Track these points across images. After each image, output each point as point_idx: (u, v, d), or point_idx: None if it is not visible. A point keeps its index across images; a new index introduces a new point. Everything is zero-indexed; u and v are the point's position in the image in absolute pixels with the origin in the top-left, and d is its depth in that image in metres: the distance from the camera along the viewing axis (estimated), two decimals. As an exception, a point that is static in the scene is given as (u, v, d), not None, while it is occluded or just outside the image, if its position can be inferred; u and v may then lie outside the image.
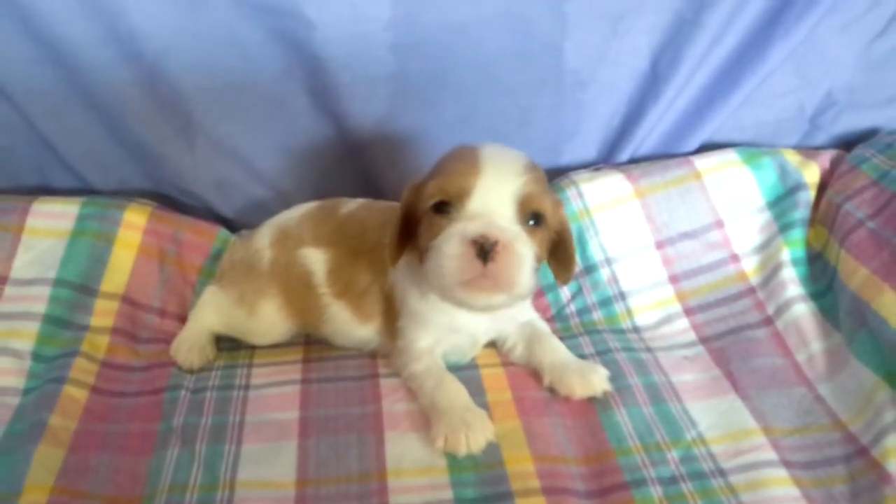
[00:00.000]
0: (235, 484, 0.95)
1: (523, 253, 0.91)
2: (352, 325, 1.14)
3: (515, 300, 0.97)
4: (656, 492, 0.93)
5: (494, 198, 0.93)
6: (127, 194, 1.34)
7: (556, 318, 1.26)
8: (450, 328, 1.08)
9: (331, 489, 0.94)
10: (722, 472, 0.95)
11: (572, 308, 1.26)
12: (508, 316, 1.10)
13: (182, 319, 1.23)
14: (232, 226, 1.39)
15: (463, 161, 0.96)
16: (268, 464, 0.98)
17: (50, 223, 1.24)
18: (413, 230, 1.01)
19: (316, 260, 1.14)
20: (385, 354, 1.15)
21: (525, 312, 1.15)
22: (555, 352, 1.10)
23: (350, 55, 1.22)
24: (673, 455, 0.98)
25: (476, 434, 0.96)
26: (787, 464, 0.96)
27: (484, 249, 0.89)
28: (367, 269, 1.12)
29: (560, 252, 1.04)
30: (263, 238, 1.19)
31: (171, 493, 0.93)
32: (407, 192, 1.01)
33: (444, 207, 0.95)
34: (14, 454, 0.97)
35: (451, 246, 0.91)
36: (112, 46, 1.19)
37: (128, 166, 1.35)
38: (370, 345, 1.16)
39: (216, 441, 1.01)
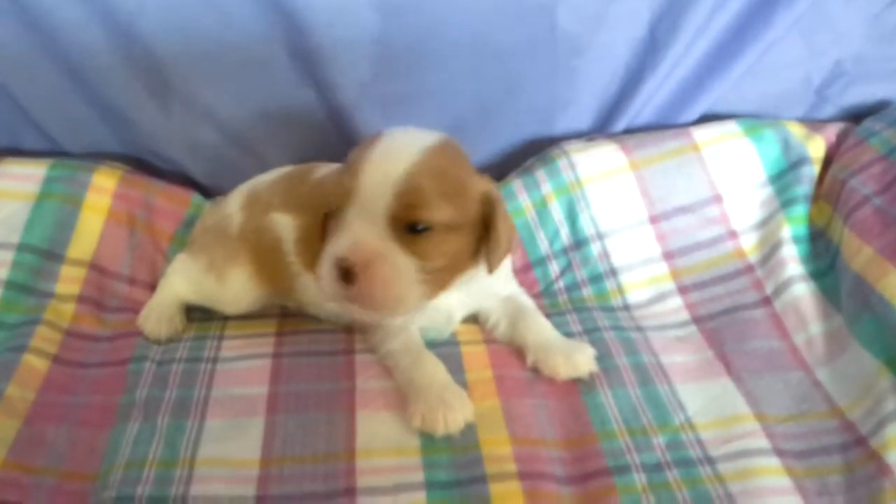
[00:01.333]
0: (196, 461, 0.90)
1: (387, 274, 0.87)
2: (321, 298, 1.08)
3: (403, 313, 0.93)
4: (640, 479, 0.88)
5: (364, 210, 0.88)
6: (99, 157, 1.30)
7: (544, 294, 1.21)
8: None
9: (295, 468, 0.89)
10: (710, 460, 0.90)
11: (561, 284, 1.21)
12: (485, 291, 1.05)
13: (152, 288, 1.19)
14: (207, 192, 1.35)
15: (353, 162, 0.91)
16: (231, 441, 0.93)
17: (15, 185, 1.20)
18: None
19: (285, 226, 1.09)
20: (361, 329, 1.09)
21: (505, 286, 1.09)
22: (539, 330, 1.05)
23: (333, 16, 1.17)
24: (659, 440, 0.93)
25: (455, 413, 0.91)
26: (779, 452, 0.91)
27: (346, 272, 0.86)
28: None
29: (490, 230, 0.95)
30: (234, 202, 1.14)
31: (129, 468, 0.89)
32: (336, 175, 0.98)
33: (331, 217, 0.93)
34: None
35: (323, 267, 0.90)
36: (85, 5, 1.15)
37: (101, 128, 1.30)
38: (343, 317, 1.11)
39: (179, 416, 0.97)
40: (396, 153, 0.89)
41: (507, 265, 1.09)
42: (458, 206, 0.90)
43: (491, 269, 0.96)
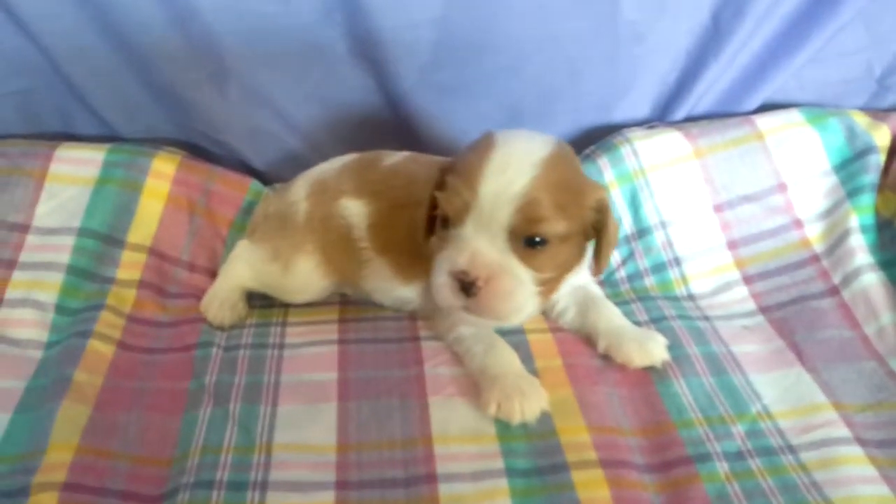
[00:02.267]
0: (273, 447, 0.90)
1: (508, 287, 0.89)
2: (393, 283, 1.08)
3: (516, 322, 0.96)
4: (722, 467, 0.88)
5: (485, 223, 0.88)
6: (154, 142, 1.29)
7: (606, 284, 1.19)
8: None
9: (373, 454, 0.89)
10: (792, 449, 0.90)
11: (622, 273, 1.21)
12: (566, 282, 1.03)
13: (212, 274, 1.18)
14: (263, 178, 1.34)
15: (470, 169, 0.90)
16: (306, 426, 0.93)
17: (74, 170, 1.19)
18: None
19: (357, 212, 1.08)
20: (427, 316, 1.09)
21: (579, 276, 1.08)
22: (611, 317, 1.04)
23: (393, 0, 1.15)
24: (738, 429, 0.92)
25: (531, 402, 0.91)
26: (861, 442, 0.90)
27: (466, 287, 0.88)
28: (411, 225, 1.04)
29: (598, 243, 0.96)
30: (300, 190, 1.13)
31: (205, 454, 0.89)
32: (437, 173, 0.96)
33: (447, 223, 0.92)
34: (37, 410, 0.93)
35: (438, 275, 0.91)
36: None
37: (155, 112, 1.29)
38: (410, 304, 1.11)
39: (251, 401, 0.96)
40: (516, 164, 0.88)
41: (584, 266, 1.08)
42: (573, 217, 0.91)
43: (599, 272, 1.00)
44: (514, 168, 0.88)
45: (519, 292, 0.89)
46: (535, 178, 0.87)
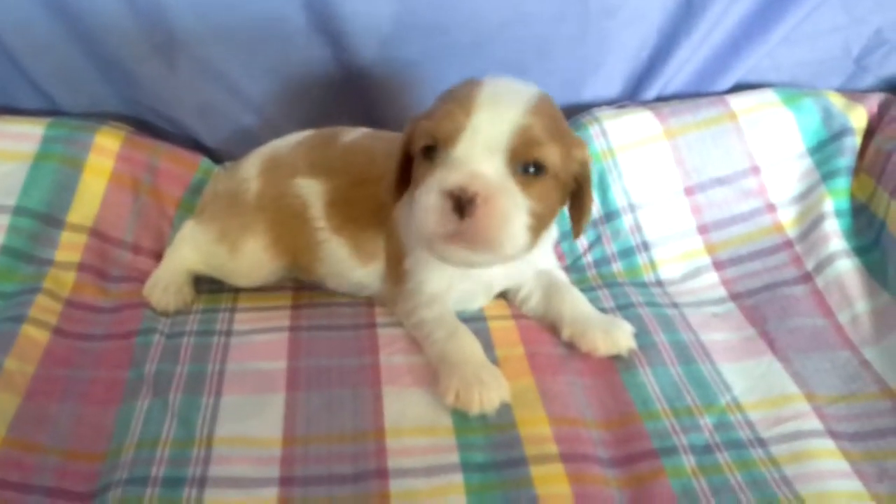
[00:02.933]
0: (213, 440, 0.86)
1: (508, 209, 0.83)
2: (350, 265, 1.05)
3: (503, 259, 0.88)
4: (689, 461, 0.84)
5: (483, 144, 0.84)
6: (99, 117, 1.24)
7: (571, 269, 1.16)
8: (461, 273, 0.98)
9: (321, 448, 0.85)
10: (761, 442, 0.86)
11: (589, 258, 1.17)
12: (527, 261, 0.99)
13: (157, 256, 1.14)
14: (215, 156, 1.30)
15: (457, 100, 0.86)
16: (251, 418, 0.88)
17: (11, 145, 1.14)
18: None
19: (312, 191, 1.04)
20: (385, 301, 1.05)
21: (545, 259, 1.05)
22: (576, 304, 1.00)
23: None
24: (706, 421, 0.89)
25: (490, 392, 0.87)
26: (833, 434, 0.87)
27: (461, 203, 0.80)
28: (370, 203, 1.01)
29: (576, 200, 0.94)
30: (251, 167, 1.08)
31: (140, 448, 0.84)
32: (409, 126, 0.91)
33: (431, 152, 0.86)
34: None
35: (428, 198, 0.83)
36: None
37: (100, 86, 1.24)
38: (367, 290, 1.07)
39: (193, 392, 0.92)
40: (510, 95, 0.86)
41: (552, 235, 1.05)
42: (564, 156, 0.87)
43: (578, 234, 0.96)
44: (507, 99, 0.86)
45: (516, 217, 0.83)
46: (530, 107, 0.85)
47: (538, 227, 0.88)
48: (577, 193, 0.93)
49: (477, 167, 0.82)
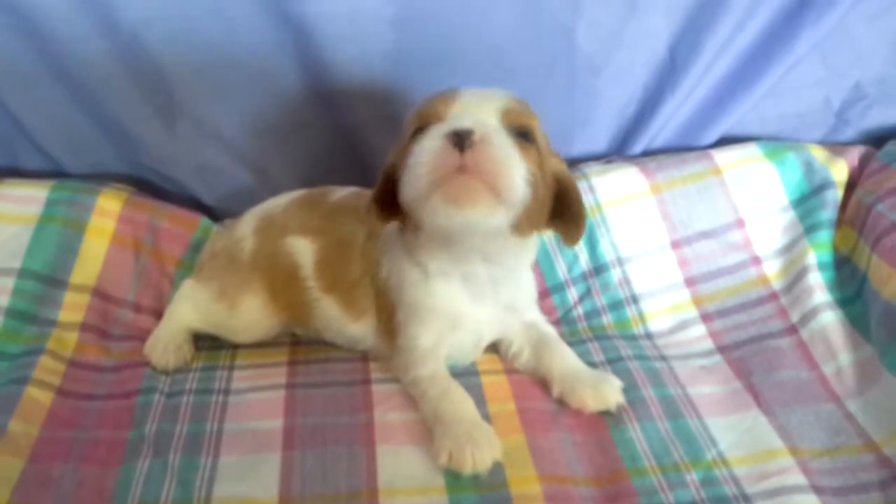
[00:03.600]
0: (211, 500, 0.87)
1: (506, 149, 0.83)
2: (343, 322, 1.07)
3: (505, 206, 0.84)
4: (675, 518, 0.85)
5: (475, 108, 0.87)
6: (101, 178, 1.27)
7: (563, 321, 1.18)
8: (452, 321, 1.01)
9: None
10: (746, 498, 0.87)
11: (580, 311, 1.19)
12: (512, 308, 1.03)
13: (158, 315, 1.16)
14: (214, 214, 1.32)
15: (440, 92, 0.91)
16: (247, 478, 0.90)
17: (15, 208, 1.17)
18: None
19: (303, 250, 1.07)
20: (379, 357, 1.08)
21: (529, 309, 1.08)
22: (564, 360, 1.03)
23: (346, 30, 1.14)
24: (693, 476, 0.90)
25: (483, 452, 0.88)
26: (817, 489, 0.88)
27: (460, 138, 0.80)
28: (359, 261, 1.05)
29: (564, 208, 0.95)
30: (246, 226, 1.12)
31: None
32: (392, 152, 0.95)
33: (422, 131, 0.86)
34: None
35: (426, 142, 0.83)
36: (87, 15, 1.12)
37: (103, 147, 1.27)
38: (362, 344, 1.09)
39: (191, 452, 0.93)
40: (489, 92, 0.91)
41: (532, 287, 1.09)
42: (545, 144, 0.94)
43: (577, 240, 0.97)
44: (490, 90, 0.91)
45: (515, 161, 0.83)
46: (511, 95, 0.91)
47: (531, 219, 0.90)
48: (561, 202, 0.95)
49: (474, 118, 0.84)
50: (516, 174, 0.82)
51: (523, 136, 0.87)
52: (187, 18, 1.13)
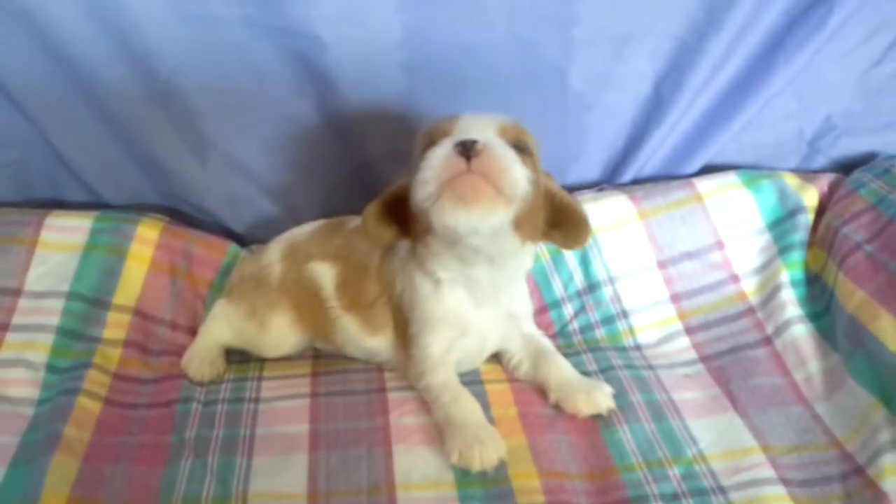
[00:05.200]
0: (248, 496, 0.96)
1: (508, 153, 0.92)
2: (361, 337, 1.16)
3: (507, 203, 0.92)
4: (658, 507, 0.95)
5: (476, 125, 0.96)
6: (139, 208, 1.36)
7: (560, 335, 1.27)
8: (460, 327, 1.10)
9: (341, 501, 0.95)
10: (722, 490, 0.97)
11: (575, 325, 1.28)
12: (512, 316, 1.14)
13: (193, 332, 1.25)
14: (242, 241, 1.41)
15: (445, 115, 1.01)
16: (279, 476, 0.99)
17: (63, 237, 1.26)
18: (405, 224, 1.05)
19: (324, 274, 1.17)
20: (396, 367, 1.17)
21: (527, 322, 1.18)
22: (560, 369, 1.12)
23: (361, 74, 1.24)
24: (674, 471, 1.00)
25: (489, 451, 0.98)
26: (785, 482, 0.97)
27: (466, 147, 0.89)
28: (374, 282, 1.15)
29: (564, 218, 1.06)
30: (273, 253, 1.21)
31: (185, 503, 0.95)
32: (400, 178, 1.05)
33: (431, 146, 0.95)
34: (31, 464, 0.99)
35: (435, 155, 0.92)
36: (127, 63, 1.20)
37: (140, 181, 1.36)
38: (378, 356, 1.18)
39: (228, 453, 1.02)
40: (486, 115, 1.00)
41: (528, 299, 1.19)
42: (538, 163, 1.03)
43: (583, 242, 1.07)
44: (487, 114, 1.00)
45: (515, 164, 0.92)
46: (507, 117, 1.00)
47: (530, 225, 1.01)
48: (558, 215, 1.05)
49: (477, 132, 0.94)
50: (517, 172, 0.91)
51: (520, 149, 0.97)
52: (217, 65, 1.23)
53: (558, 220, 1.06)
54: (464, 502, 0.95)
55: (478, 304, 1.10)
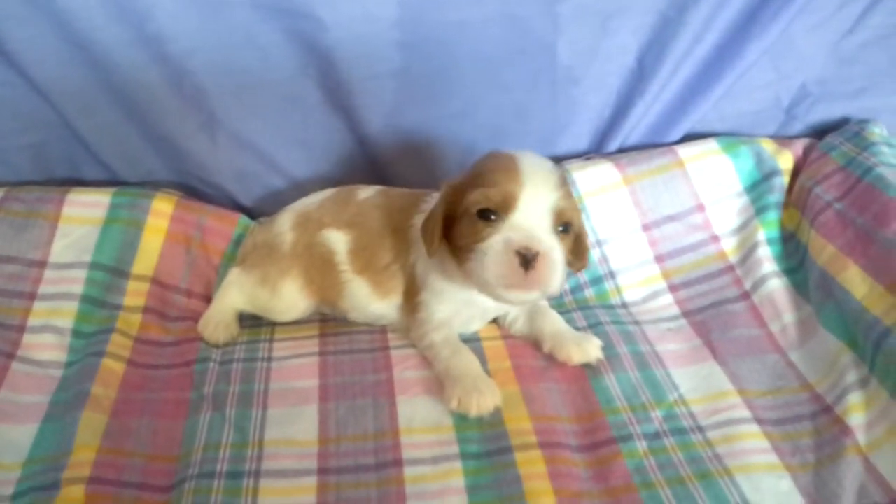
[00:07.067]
0: (264, 442, 1.03)
1: (557, 260, 1.02)
2: (370, 300, 1.22)
3: (547, 297, 1.09)
4: (641, 445, 1.03)
5: (535, 210, 1.03)
6: (154, 185, 1.42)
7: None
8: (466, 302, 1.17)
9: (350, 445, 1.03)
10: (700, 429, 1.05)
11: (566, 286, 1.35)
12: None
13: (207, 299, 1.31)
14: (250, 213, 1.47)
15: (505, 172, 1.04)
16: (292, 424, 1.06)
17: (84, 211, 1.31)
18: (446, 225, 1.10)
19: (338, 240, 1.23)
20: (400, 328, 1.23)
21: None
22: (553, 322, 1.20)
23: (360, 53, 1.29)
24: (657, 414, 1.07)
25: (486, 398, 1.05)
26: (759, 421, 1.05)
27: (526, 259, 0.99)
28: (389, 249, 1.21)
29: (575, 246, 1.13)
30: (284, 222, 1.27)
31: (206, 451, 1.02)
32: (445, 190, 1.10)
33: (487, 214, 1.04)
34: (62, 420, 1.06)
35: (496, 253, 1.01)
36: (141, 48, 1.25)
37: (154, 159, 1.42)
38: (383, 320, 1.25)
39: (244, 406, 1.09)
40: (544, 172, 1.06)
41: None
42: (579, 217, 1.10)
43: (582, 268, 1.16)
44: (543, 175, 1.05)
45: (561, 266, 1.03)
46: (559, 181, 1.05)
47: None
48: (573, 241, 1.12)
49: (535, 231, 1.02)
50: (560, 275, 1.03)
51: (565, 229, 1.06)
52: (225, 48, 1.28)
53: (572, 250, 1.13)
54: (462, 443, 1.03)
55: None
